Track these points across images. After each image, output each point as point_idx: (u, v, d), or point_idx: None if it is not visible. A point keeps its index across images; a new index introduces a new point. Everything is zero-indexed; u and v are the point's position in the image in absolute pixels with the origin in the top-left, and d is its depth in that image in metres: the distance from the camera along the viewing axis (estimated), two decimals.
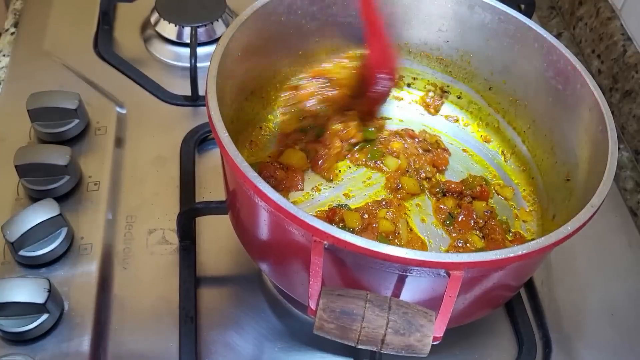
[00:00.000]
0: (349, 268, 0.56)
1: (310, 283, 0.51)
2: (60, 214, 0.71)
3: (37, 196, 0.77)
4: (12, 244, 0.69)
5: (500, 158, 0.81)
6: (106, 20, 1.01)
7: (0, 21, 1.13)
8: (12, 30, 1.01)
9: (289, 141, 0.76)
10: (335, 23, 0.77)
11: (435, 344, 0.51)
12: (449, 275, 0.51)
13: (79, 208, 0.78)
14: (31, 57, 0.95)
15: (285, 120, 0.74)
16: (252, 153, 0.77)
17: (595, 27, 1.03)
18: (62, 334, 0.67)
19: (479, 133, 0.83)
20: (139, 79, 0.94)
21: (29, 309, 0.65)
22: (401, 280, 0.55)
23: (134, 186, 0.82)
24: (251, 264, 0.76)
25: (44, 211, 0.71)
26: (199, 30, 0.97)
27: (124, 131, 0.87)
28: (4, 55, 0.96)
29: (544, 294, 0.76)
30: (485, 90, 0.81)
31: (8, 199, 0.77)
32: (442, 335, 0.51)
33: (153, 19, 1.00)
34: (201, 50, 0.94)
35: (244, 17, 0.67)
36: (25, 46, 0.96)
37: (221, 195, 0.72)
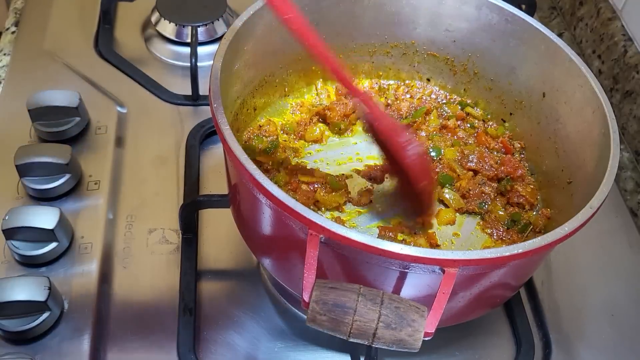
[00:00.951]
0: (345, 262, 0.56)
1: (305, 276, 0.52)
2: (61, 213, 0.72)
3: (37, 195, 0.77)
4: (4, 231, 0.70)
5: None
6: (107, 19, 1.01)
7: (1, 20, 1.13)
8: (13, 29, 1.01)
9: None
10: (342, 21, 0.77)
11: (426, 339, 0.51)
12: (443, 272, 0.51)
13: (79, 207, 0.78)
14: (32, 56, 0.95)
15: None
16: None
17: (596, 27, 1.03)
18: (62, 333, 0.68)
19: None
20: (140, 78, 0.94)
21: (30, 308, 0.65)
22: (396, 276, 0.55)
23: (134, 186, 0.82)
24: (252, 259, 0.76)
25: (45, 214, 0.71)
26: (200, 29, 0.97)
27: (124, 130, 0.87)
28: (4, 54, 0.97)
29: (544, 294, 0.76)
30: (491, 91, 0.81)
31: (8, 198, 0.78)
32: (433, 331, 0.52)
33: (154, 19, 1.00)
34: (202, 50, 0.94)
35: (250, 12, 0.68)
36: (26, 45, 0.97)
37: (222, 193, 0.72)
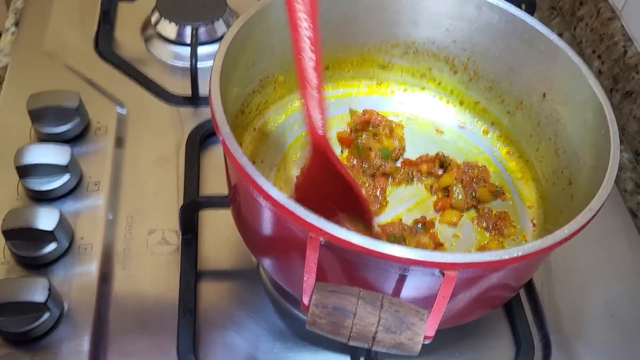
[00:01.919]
0: (345, 264, 0.56)
1: (305, 278, 0.51)
2: (61, 214, 0.72)
3: (37, 196, 0.77)
4: (4, 232, 0.70)
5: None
6: (107, 19, 1.01)
7: (1, 21, 1.13)
8: (13, 29, 1.01)
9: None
10: (342, 20, 0.77)
11: (426, 342, 0.51)
12: (443, 274, 0.51)
13: (79, 208, 0.78)
14: (32, 56, 0.95)
15: None
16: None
17: (596, 27, 1.03)
18: (62, 334, 0.67)
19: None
20: (140, 78, 0.94)
21: (30, 308, 0.65)
22: (395, 278, 0.55)
23: (134, 186, 0.82)
24: (252, 260, 0.76)
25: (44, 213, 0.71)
26: (200, 30, 0.97)
27: (124, 131, 0.87)
28: (4, 55, 0.97)
29: (543, 295, 0.76)
30: (491, 91, 0.81)
31: (8, 199, 0.78)
32: (433, 335, 0.52)
33: (154, 19, 1.00)
34: (202, 50, 0.94)
35: (250, 13, 0.68)
36: (26, 46, 0.96)
37: (222, 193, 0.72)
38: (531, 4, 1.03)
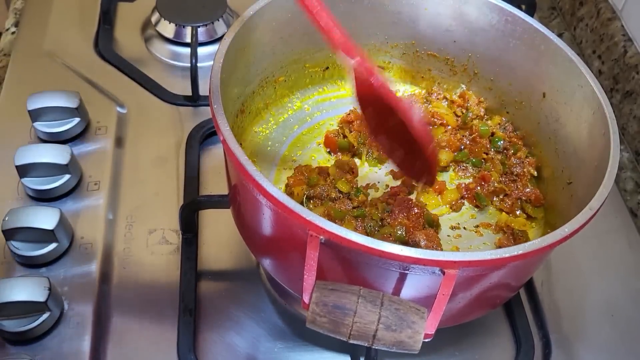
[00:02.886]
0: (345, 263, 0.56)
1: (305, 277, 0.52)
2: (61, 213, 0.72)
3: (37, 196, 0.77)
4: (4, 231, 0.70)
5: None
6: (107, 19, 1.01)
7: (1, 21, 1.13)
8: (13, 29, 1.01)
9: None
10: (341, 21, 0.77)
11: (426, 340, 0.51)
12: (443, 273, 0.51)
13: (79, 208, 0.78)
14: (32, 56, 0.95)
15: None
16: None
17: (596, 27, 1.03)
18: (62, 334, 0.67)
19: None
20: (140, 78, 0.94)
21: (30, 308, 0.65)
22: (396, 277, 0.55)
23: (134, 186, 0.82)
24: (252, 259, 0.76)
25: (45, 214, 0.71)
26: (200, 30, 0.97)
27: (124, 131, 0.87)
28: (4, 55, 0.97)
29: (544, 295, 0.76)
30: (491, 91, 0.81)
31: (8, 199, 0.78)
32: (433, 333, 0.52)
33: (154, 19, 1.00)
34: (202, 50, 0.94)
35: (250, 12, 0.68)
36: (26, 46, 0.97)
37: (222, 193, 0.72)
38: (531, 4, 1.03)
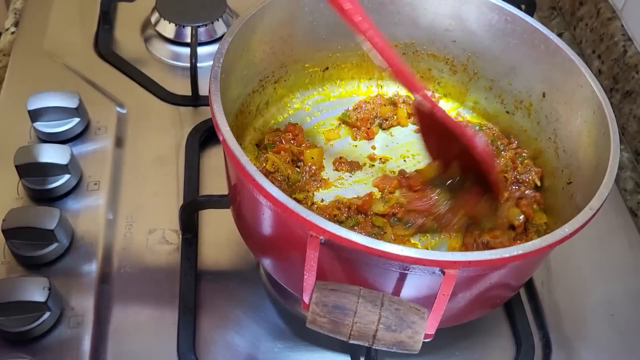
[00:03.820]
0: (345, 263, 0.56)
1: (305, 277, 0.52)
2: (61, 213, 0.72)
3: (37, 196, 0.77)
4: (4, 231, 0.70)
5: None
6: (106, 19, 1.01)
7: (1, 21, 1.13)
8: (13, 29, 1.01)
9: None
10: (339, 23, 0.77)
11: (426, 341, 0.51)
12: (443, 273, 0.51)
13: (79, 208, 0.78)
14: (31, 56, 0.95)
15: None
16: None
17: (596, 27, 1.03)
18: (62, 334, 0.67)
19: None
20: (139, 78, 0.94)
21: (30, 308, 0.65)
22: (396, 277, 0.55)
23: (134, 186, 0.82)
24: (252, 259, 0.76)
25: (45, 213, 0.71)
26: (200, 30, 0.97)
27: (124, 131, 0.87)
28: (4, 55, 0.97)
29: (544, 295, 0.76)
30: (491, 91, 0.81)
31: (8, 199, 0.78)
32: (433, 333, 0.52)
33: (153, 19, 1.00)
34: (201, 50, 0.94)
35: (250, 12, 0.68)
36: (26, 46, 0.97)
37: (222, 193, 0.72)
38: (531, 4, 1.03)
